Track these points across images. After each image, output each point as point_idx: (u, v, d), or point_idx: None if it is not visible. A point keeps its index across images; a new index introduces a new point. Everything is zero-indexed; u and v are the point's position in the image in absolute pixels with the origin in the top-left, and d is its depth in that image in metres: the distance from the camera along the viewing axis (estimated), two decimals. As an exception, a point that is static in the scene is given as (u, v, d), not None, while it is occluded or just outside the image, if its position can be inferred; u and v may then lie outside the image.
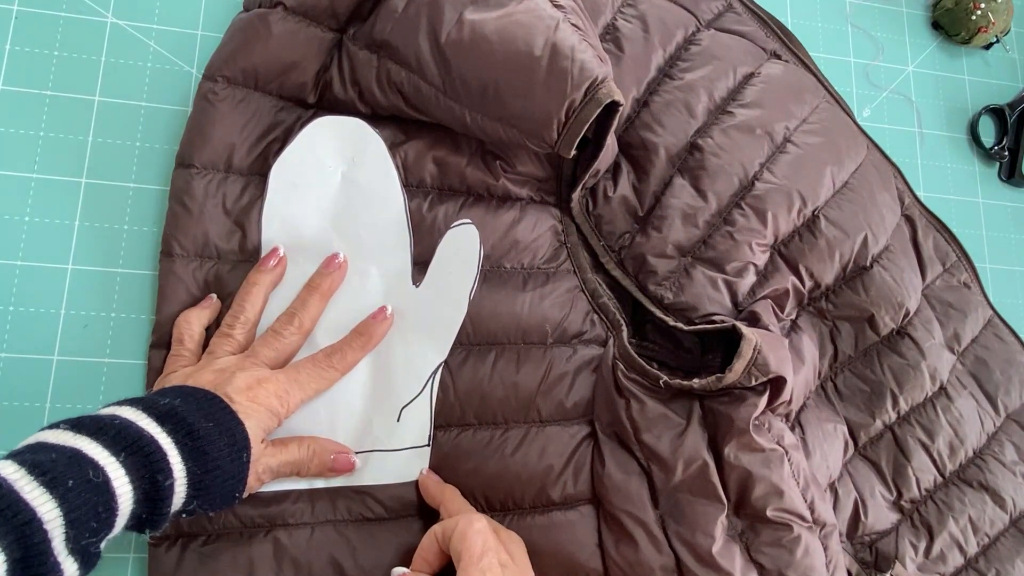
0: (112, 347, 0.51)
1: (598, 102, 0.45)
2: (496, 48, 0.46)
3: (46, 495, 0.33)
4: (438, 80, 0.48)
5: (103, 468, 0.35)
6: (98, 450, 0.36)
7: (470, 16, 0.47)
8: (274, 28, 0.50)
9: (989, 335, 0.62)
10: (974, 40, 0.71)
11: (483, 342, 0.52)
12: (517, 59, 0.46)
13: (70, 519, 0.34)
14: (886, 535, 0.57)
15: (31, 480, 0.33)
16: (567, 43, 0.46)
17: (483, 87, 0.47)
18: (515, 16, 0.46)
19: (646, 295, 0.54)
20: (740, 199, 0.54)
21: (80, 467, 0.35)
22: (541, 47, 0.46)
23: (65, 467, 0.34)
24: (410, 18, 0.49)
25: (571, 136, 0.47)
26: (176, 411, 0.39)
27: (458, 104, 0.48)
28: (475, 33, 0.46)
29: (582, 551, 0.50)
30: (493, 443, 0.51)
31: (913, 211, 0.62)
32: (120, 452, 0.36)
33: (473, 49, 0.46)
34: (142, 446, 0.37)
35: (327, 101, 0.53)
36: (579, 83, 0.45)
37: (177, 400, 0.40)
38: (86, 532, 0.35)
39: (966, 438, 0.59)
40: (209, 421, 0.40)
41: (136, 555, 0.49)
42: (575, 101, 0.46)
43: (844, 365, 0.58)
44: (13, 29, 0.53)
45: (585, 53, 0.46)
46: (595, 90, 0.45)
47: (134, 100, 0.53)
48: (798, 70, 0.60)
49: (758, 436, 0.49)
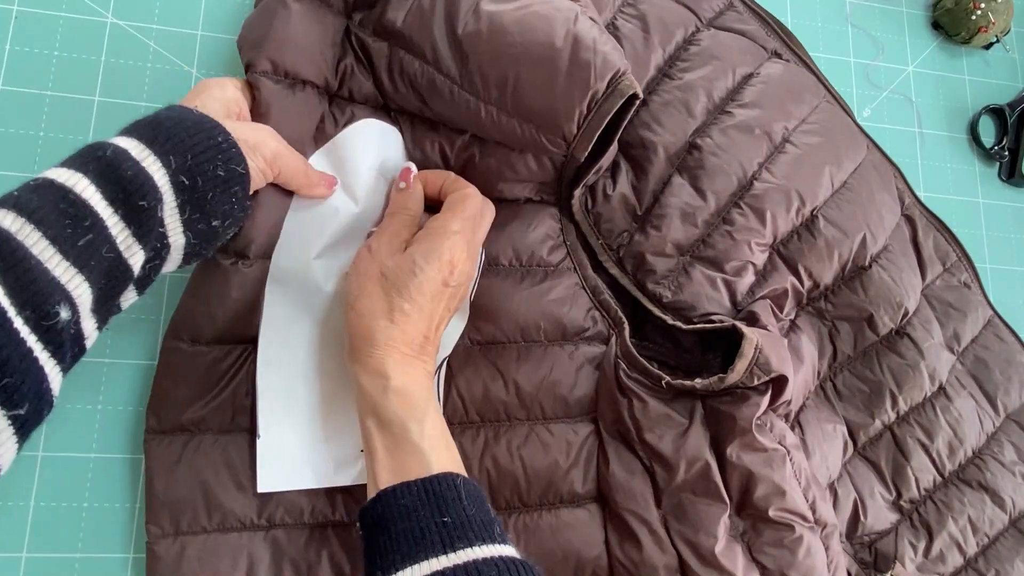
0: (112, 347, 0.51)
1: (621, 93, 0.45)
2: (516, 39, 0.46)
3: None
4: (455, 72, 0.48)
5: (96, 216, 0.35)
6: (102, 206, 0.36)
7: (487, 7, 0.46)
8: (292, 6, 0.49)
9: (989, 335, 0.62)
10: (974, 40, 0.71)
11: (484, 340, 0.52)
12: (538, 50, 0.45)
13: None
14: (885, 535, 0.57)
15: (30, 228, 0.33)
16: (589, 34, 0.46)
17: (502, 80, 0.47)
18: (533, 7, 0.46)
19: (645, 294, 0.54)
20: (739, 198, 0.54)
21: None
22: (563, 38, 0.45)
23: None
24: (424, 8, 0.48)
25: (590, 131, 0.46)
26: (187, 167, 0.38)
27: (475, 97, 0.48)
28: (493, 24, 0.46)
29: (589, 549, 0.50)
30: (497, 441, 0.51)
31: (913, 211, 0.62)
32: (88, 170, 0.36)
33: (492, 40, 0.46)
34: (143, 206, 0.37)
35: (348, 89, 0.52)
36: (602, 74, 0.45)
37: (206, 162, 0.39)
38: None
39: (965, 438, 0.59)
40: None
41: (136, 555, 0.49)
42: (598, 92, 0.45)
43: (843, 365, 0.58)
44: (13, 29, 0.53)
45: (607, 45, 0.46)
46: (618, 81, 0.45)
47: (134, 100, 0.53)
48: (798, 70, 0.60)
49: (760, 436, 0.49)
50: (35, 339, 0.33)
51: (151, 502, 0.47)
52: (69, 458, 0.49)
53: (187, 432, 0.48)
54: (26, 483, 0.48)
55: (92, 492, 0.49)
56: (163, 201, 0.38)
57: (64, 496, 0.49)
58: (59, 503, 0.48)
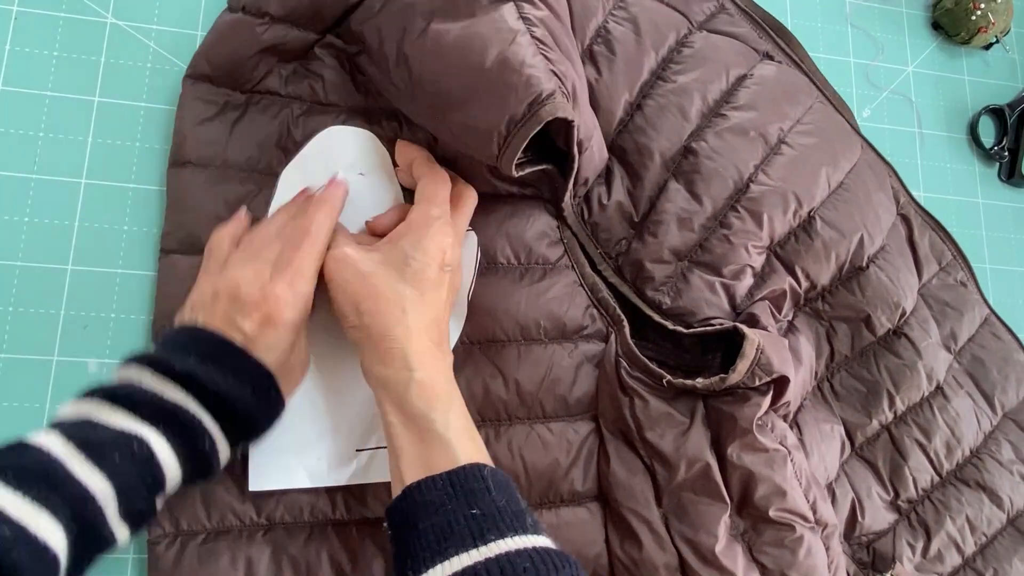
0: (112, 347, 0.51)
1: (538, 119, 0.43)
2: (452, 59, 0.46)
3: (96, 471, 0.36)
4: (402, 84, 0.49)
5: (147, 442, 0.38)
6: (138, 424, 0.38)
7: (436, 26, 0.47)
8: (262, 37, 0.51)
9: (986, 333, 0.62)
10: (974, 40, 0.71)
11: (483, 339, 0.52)
12: (469, 70, 0.45)
13: (121, 492, 0.36)
14: (883, 535, 0.57)
15: (81, 457, 0.36)
16: (518, 56, 0.44)
17: (436, 95, 0.47)
18: (476, 27, 0.46)
19: (644, 301, 0.54)
20: (735, 202, 0.54)
21: (125, 441, 0.37)
22: (492, 59, 0.44)
23: (111, 442, 0.37)
24: (382, 21, 0.49)
25: (511, 152, 0.45)
26: (195, 376, 0.40)
27: (420, 109, 0.49)
28: (436, 42, 0.46)
29: (590, 548, 0.50)
30: (498, 440, 0.51)
31: (909, 210, 0.62)
32: (159, 423, 0.38)
33: (432, 57, 0.46)
34: (178, 417, 0.39)
35: (316, 94, 0.53)
36: (523, 97, 0.44)
37: (191, 358, 0.41)
38: (137, 500, 0.37)
39: (963, 437, 0.59)
40: (228, 374, 0.41)
41: (136, 555, 0.49)
42: (516, 115, 0.44)
43: (841, 365, 0.58)
44: (13, 29, 0.53)
45: (536, 68, 0.44)
46: (539, 106, 0.43)
47: (134, 100, 0.54)
48: (791, 71, 0.60)
49: (761, 436, 0.49)
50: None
51: None
52: (69, 458, 0.49)
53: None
54: (26, 483, 0.48)
55: (92, 492, 0.49)
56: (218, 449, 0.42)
57: (64, 496, 0.49)
58: (59, 503, 0.48)
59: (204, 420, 0.40)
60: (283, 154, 0.52)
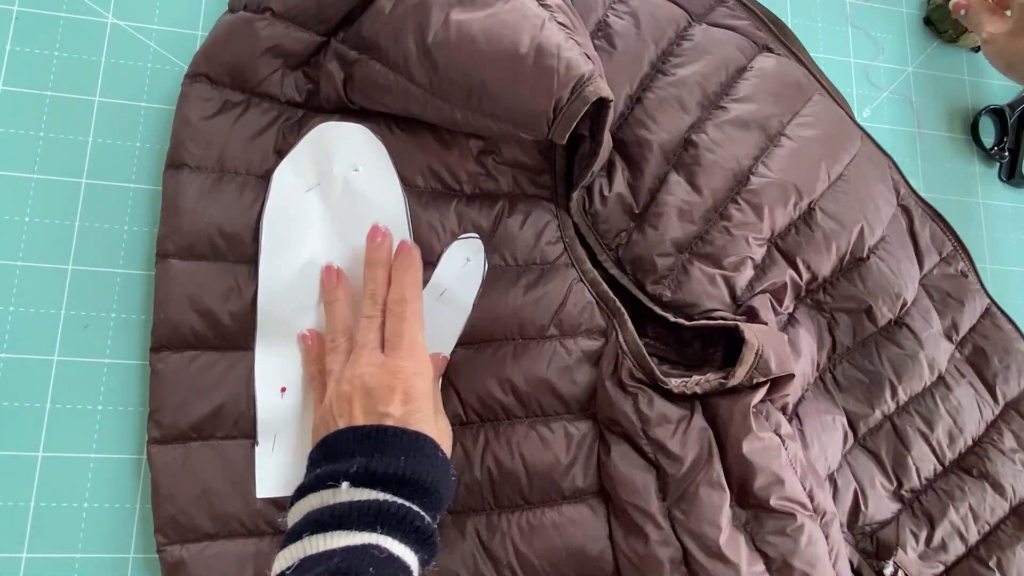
0: (112, 347, 0.51)
1: (585, 99, 0.46)
2: (483, 47, 0.46)
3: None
4: (425, 81, 0.48)
5: (381, 546, 0.39)
6: (361, 535, 0.39)
7: (456, 16, 0.47)
8: (261, 33, 0.50)
9: (987, 323, 0.62)
10: (961, 40, 0.71)
11: (481, 339, 0.52)
12: (503, 58, 0.46)
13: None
14: (887, 525, 0.57)
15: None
16: (553, 41, 0.46)
17: (471, 85, 0.47)
18: (501, 15, 0.47)
19: (645, 293, 0.54)
20: (736, 194, 0.54)
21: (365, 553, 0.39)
22: (527, 45, 0.46)
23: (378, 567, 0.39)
24: (397, 19, 0.49)
25: (562, 128, 0.47)
26: (374, 471, 0.41)
27: (447, 103, 0.49)
28: (461, 33, 0.47)
29: (594, 544, 0.50)
30: (498, 439, 0.51)
31: (909, 201, 0.62)
32: (375, 527, 0.40)
33: (460, 49, 0.47)
34: (416, 525, 0.41)
35: (316, 100, 0.53)
36: (566, 81, 0.46)
37: (402, 459, 0.42)
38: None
39: (965, 427, 0.59)
40: (400, 456, 0.43)
41: (136, 555, 0.49)
42: (562, 99, 0.46)
43: (843, 356, 0.58)
44: (13, 29, 0.53)
45: (572, 51, 0.46)
46: (582, 88, 0.46)
47: (134, 100, 0.54)
48: (791, 63, 0.60)
49: (757, 426, 0.49)
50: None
51: (158, 510, 0.47)
52: (69, 458, 0.49)
53: (190, 439, 0.48)
54: (26, 483, 0.48)
55: (92, 492, 0.49)
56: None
57: (64, 496, 0.49)
58: (59, 503, 0.48)
59: (413, 507, 0.41)
60: (280, 160, 0.52)
